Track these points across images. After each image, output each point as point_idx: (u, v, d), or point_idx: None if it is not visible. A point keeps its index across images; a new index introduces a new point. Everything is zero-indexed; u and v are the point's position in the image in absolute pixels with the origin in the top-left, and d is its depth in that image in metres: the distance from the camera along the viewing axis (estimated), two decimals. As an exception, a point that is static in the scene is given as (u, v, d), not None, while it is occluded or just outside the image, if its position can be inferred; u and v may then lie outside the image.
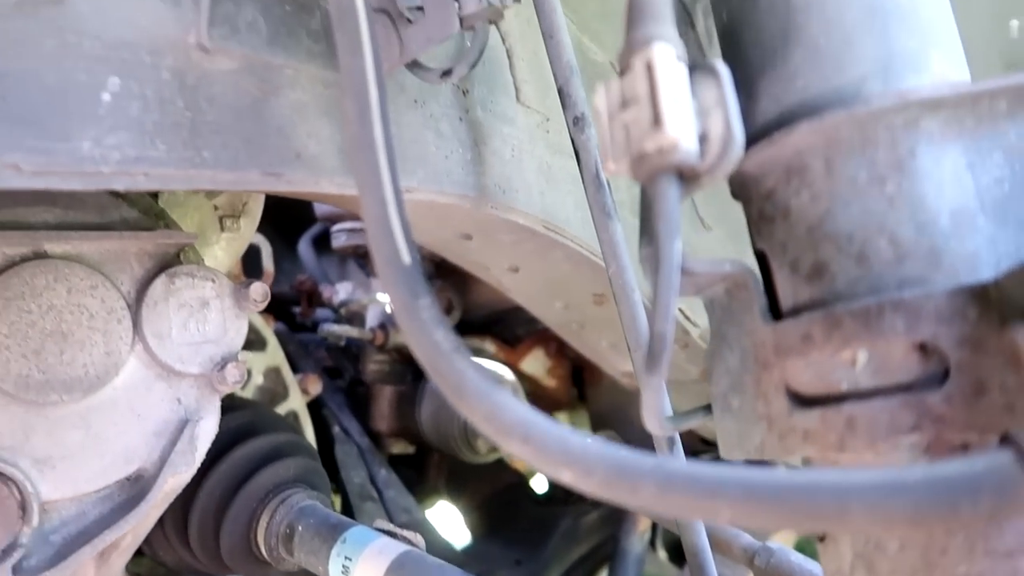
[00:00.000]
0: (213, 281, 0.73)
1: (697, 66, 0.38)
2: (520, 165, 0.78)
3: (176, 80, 0.50)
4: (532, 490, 1.81)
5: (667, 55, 0.36)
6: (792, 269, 0.41)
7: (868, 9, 0.40)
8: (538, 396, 1.65)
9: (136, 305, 0.69)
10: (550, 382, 1.67)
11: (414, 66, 0.60)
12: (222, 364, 0.73)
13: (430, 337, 0.40)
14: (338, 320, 1.44)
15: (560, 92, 0.69)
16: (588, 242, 0.88)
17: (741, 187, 0.45)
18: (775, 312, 0.45)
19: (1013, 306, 0.31)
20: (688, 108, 0.36)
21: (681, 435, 0.70)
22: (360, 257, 1.47)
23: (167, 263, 0.72)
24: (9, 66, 0.43)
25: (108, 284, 0.67)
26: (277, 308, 1.58)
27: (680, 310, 1.10)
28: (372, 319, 1.39)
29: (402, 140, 0.64)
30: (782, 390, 0.41)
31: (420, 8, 0.56)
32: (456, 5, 0.55)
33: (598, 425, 1.68)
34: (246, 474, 0.88)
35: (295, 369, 1.43)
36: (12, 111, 0.44)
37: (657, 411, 0.45)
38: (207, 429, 0.73)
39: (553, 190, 0.83)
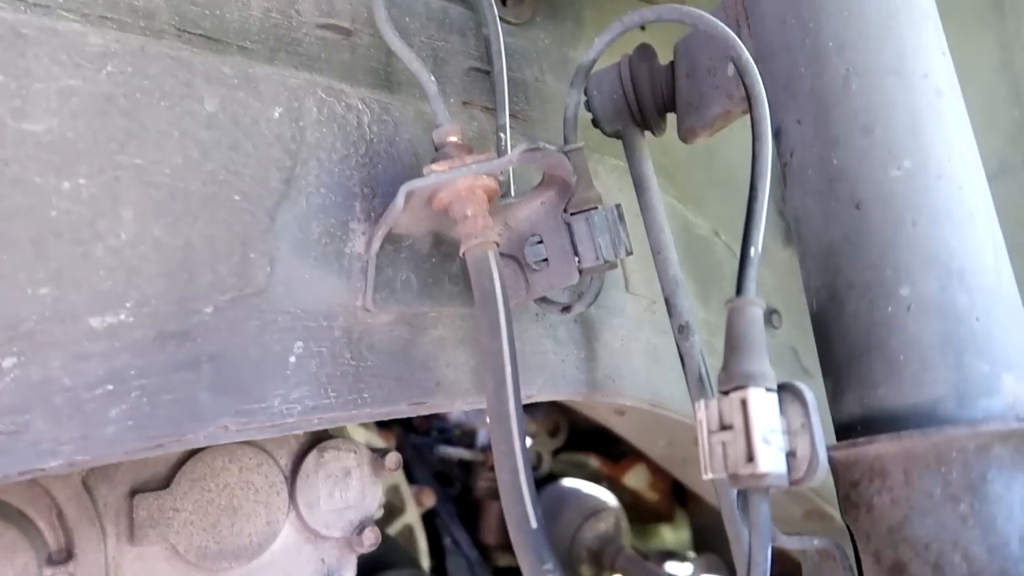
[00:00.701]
0: (355, 452, 0.84)
1: (785, 387, 0.45)
2: (628, 352, 0.85)
3: (345, 336, 0.61)
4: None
5: (760, 396, 0.43)
6: (875, 559, 0.46)
7: (943, 335, 0.45)
8: (640, 509, 1.68)
9: (291, 478, 0.80)
10: (652, 496, 1.71)
11: (539, 300, 0.69)
12: (360, 528, 0.82)
13: (553, 601, 0.48)
14: (451, 439, 1.54)
15: (667, 302, 0.76)
16: (692, 413, 0.93)
17: (831, 468, 0.50)
18: (861, 581, 0.50)
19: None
20: (778, 442, 0.42)
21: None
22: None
23: (318, 436, 0.83)
24: (225, 347, 0.55)
25: (271, 461, 0.79)
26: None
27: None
28: (484, 438, 1.48)
29: (524, 353, 0.73)
30: (867, 666, 0.46)
31: (545, 260, 0.65)
32: (577, 260, 0.64)
33: (700, 543, 1.69)
34: (372, 611, 0.97)
35: (410, 478, 1.53)
36: (224, 383, 0.55)
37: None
38: (345, 584, 0.83)
39: (659, 368, 0.89)
